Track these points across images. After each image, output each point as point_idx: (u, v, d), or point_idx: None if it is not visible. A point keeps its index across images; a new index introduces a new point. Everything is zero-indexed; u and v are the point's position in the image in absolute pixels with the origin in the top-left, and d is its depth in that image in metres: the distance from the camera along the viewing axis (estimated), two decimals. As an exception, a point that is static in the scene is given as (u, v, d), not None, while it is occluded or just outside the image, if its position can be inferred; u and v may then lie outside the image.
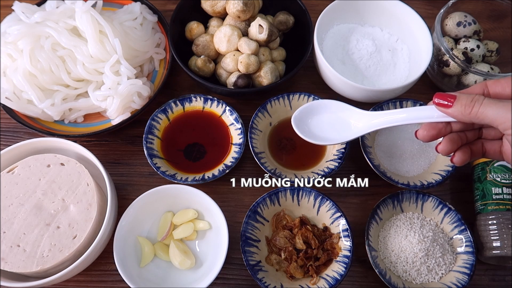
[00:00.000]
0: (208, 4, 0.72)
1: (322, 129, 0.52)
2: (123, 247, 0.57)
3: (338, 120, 0.52)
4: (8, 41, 0.65)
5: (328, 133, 0.52)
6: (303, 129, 0.52)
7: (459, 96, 0.42)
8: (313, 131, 0.52)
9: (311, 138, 0.52)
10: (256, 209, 0.61)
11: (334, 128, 0.52)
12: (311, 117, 0.53)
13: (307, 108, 0.53)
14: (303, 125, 0.53)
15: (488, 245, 0.59)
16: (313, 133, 0.52)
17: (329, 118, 0.53)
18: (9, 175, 0.59)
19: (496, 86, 0.42)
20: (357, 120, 0.51)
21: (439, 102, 0.42)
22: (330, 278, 0.57)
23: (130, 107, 0.68)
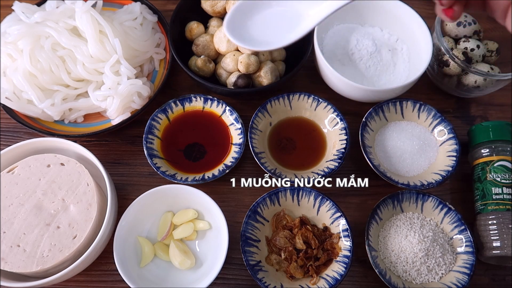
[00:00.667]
0: (208, 4, 0.72)
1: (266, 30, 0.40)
2: (123, 247, 0.57)
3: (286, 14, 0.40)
4: (8, 41, 0.65)
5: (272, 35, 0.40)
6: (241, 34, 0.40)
7: None
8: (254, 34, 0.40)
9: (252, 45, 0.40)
10: (256, 209, 0.61)
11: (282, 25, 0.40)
12: (251, 17, 0.40)
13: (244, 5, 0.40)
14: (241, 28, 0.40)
15: (488, 245, 0.59)
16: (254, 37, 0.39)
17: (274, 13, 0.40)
18: (9, 175, 0.59)
19: None
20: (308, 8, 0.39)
21: None
22: (330, 278, 0.57)
23: (130, 107, 0.68)
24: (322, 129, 0.70)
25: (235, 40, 0.39)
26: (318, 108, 0.69)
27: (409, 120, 0.70)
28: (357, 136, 0.66)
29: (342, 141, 0.66)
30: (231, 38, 0.39)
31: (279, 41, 0.39)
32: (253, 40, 0.40)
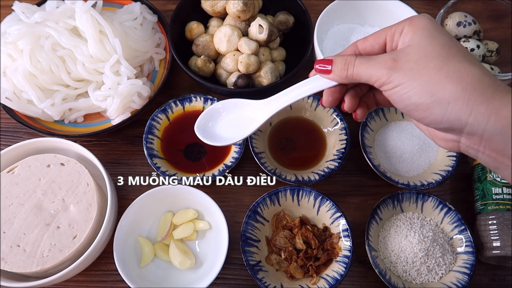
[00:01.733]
0: (208, 4, 0.72)
1: (229, 129, 0.51)
2: (123, 247, 0.57)
3: (241, 117, 0.50)
4: (8, 41, 0.65)
5: (234, 133, 0.50)
6: (210, 136, 0.51)
7: (335, 59, 0.42)
8: (219, 134, 0.51)
9: (218, 142, 0.50)
10: (256, 209, 0.61)
11: (240, 125, 0.50)
12: (215, 121, 0.51)
13: (207, 114, 0.51)
14: (209, 131, 0.51)
15: (488, 245, 0.59)
16: (219, 136, 0.51)
17: (232, 117, 0.51)
18: (9, 175, 0.59)
19: (365, 45, 0.42)
20: (254, 112, 0.49)
21: (320, 69, 0.43)
22: (330, 278, 0.57)
23: (130, 107, 0.68)
24: (322, 129, 0.70)
25: (204, 138, 0.50)
26: (318, 108, 0.69)
27: (409, 120, 0.70)
28: (357, 136, 0.66)
29: (342, 141, 0.66)
30: (201, 137, 0.50)
31: (239, 136, 0.50)
32: (219, 137, 0.51)
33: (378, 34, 0.41)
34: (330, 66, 0.42)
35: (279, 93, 0.48)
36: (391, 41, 0.40)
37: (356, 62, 0.40)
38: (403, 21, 0.39)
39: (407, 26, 0.38)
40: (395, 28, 0.39)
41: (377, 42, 0.41)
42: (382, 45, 0.41)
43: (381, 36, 0.40)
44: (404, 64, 0.37)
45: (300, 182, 0.62)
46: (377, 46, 0.41)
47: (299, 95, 0.46)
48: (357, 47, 0.43)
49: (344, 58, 0.41)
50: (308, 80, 0.46)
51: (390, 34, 0.40)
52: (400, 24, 0.39)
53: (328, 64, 0.42)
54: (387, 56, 0.38)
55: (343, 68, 0.41)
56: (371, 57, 0.40)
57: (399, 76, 0.37)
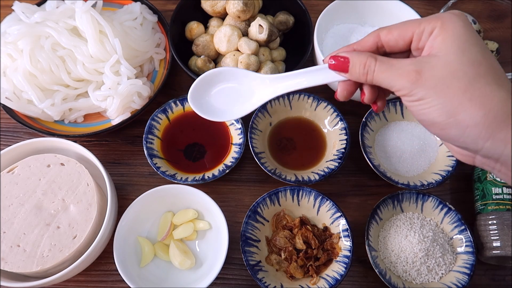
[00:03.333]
0: (208, 4, 0.72)
1: (227, 102, 0.46)
2: (123, 247, 0.57)
3: (242, 90, 0.46)
4: (8, 41, 0.65)
5: (231, 106, 0.45)
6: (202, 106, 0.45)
7: (352, 59, 0.39)
8: (217, 106, 0.46)
9: (215, 116, 0.46)
10: (256, 209, 0.61)
11: (240, 99, 0.46)
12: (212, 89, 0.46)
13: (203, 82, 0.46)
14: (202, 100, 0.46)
15: (488, 245, 0.59)
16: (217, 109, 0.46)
17: (232, 88, 0.46)
18: (9, 175, 0.59)
19: (389, 38, 0.39)
20: (258, 87, 0.45)
21: (334, 65, 0.40)
22: (330, 278, 0.57)
23: (130, 107, 0.68)
24: (322, 129, 0.70)
25: (197, 109, 0.45)
26: (318, 108, 0.69)
27: (409, 120, 0.70)
28: (357, 136, 0.66)
29: (342, 141, 0.66)
30: (194, 108, 0.45)
31: (240, 111, 0.45)
32: (213, 108, 0.46)
33: (404, 28, 0.38)
34: (347, 66, 0.39)
35: (288, 73, 0.43)
36: (418, 39, 0.37)
37: (376, 69, 0.37)
38: (435, 19, 0.36)
39: (438, 28, 0.35)
40: (424, 26, 0.36)
41: (402, 37, 0.38)
42: (408, 42, 0.38)
43: (408, 31, 0.37)
44: (428, 80, 0.35)
45: (300, 182, 0.62)
46: (402, 42, 0.38)
47: (312, 82, 0.42)
48: (379, 38, 0.39)
49: (363, 60, 0.38)
50: (321, 67, 0.41)
51: (418, 32, 0.37)
52: (430, 22, 0.36)
53: (345, 64, 0.39)
54: (410, 66, 0.36)
55: (362, 72, 0.38)
56: (393, 64, 0.37)
57: (422, 91, 0.35)
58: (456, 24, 0.35)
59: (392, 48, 0.39)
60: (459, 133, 0.35)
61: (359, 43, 0.40)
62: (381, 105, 0.44)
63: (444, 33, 0.35)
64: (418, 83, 0.35)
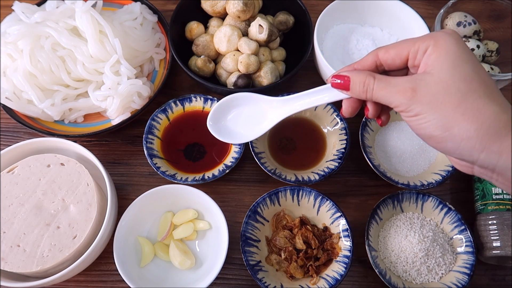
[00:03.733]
0: (208, 4, 0.72)
1: (241, 125, 0.50)
2: (123, 247, 0.57)
3: (254, 113, 0.50)
4: (8, 41, 0.65)
5: (246, 129, 0.50)
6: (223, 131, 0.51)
7: (352, 78, 0.41)
8: (232, 129, 0.51)
9: (232, 138, 0.50)
10: (256, 209, 0.61)
11: (253, 121, 0.50)
12: (228, 114, 0.51)
13: (219, 108, 0.50)
14: (221, 126, 0.51)
15: (488, 245, 0.59)
16: (232, 131, 0.50)
17: (245, 112, 0.50)
18: (9, 175, 0.59)
19: (386, 57, 0.41)
20: (269, 109, 0.49)
21: (336, 84, 0.42)
22: (330, 278, 0.57)
23: (130, 107, 0.68)
24: (322, 129, 0.70)
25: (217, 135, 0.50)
26: (318, 108, 0.69)
27: (409, 120, 0.70)
28: (357, 136, 0.66)
29: (342, 141, 0.66)
30: (212, 132, 0.50)
31: (253, 133, 0.50)
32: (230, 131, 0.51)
33: (400, 47, 0.40)
34: (348, 85, 0.42)
35: (297, 95, 0.47)
36: (414, 58, 0.39)
37: (375, 87, 0.40)
38: (429, 37, 0.38)
39: (431, 46, 0.37)
40: (419, 45, 0.38)
41: (399, 56, 0.40)
42: (404, 60, 0.40)
43: (404, 50, 0.40)
44: (423, 97, 0.37)
45: (300, 182, 0.62)
46: (399, 60, 0.40)
47: (318, 101, 0.46)
48: (377, 57, 0.42)
49: (362, 79, 0.41)
50: (327, 87, 0.45)
51: (414, 50, 0.39)
52: (424, 41, 0.38)
53: (346, 82, 0.42)
54: (406, 84, 0.38)
55: (362, 90, 0.41)
56: (390, 82, 0.39)
57: (418, 107, 0.37)
58: (449, 42, 0.37)
59: (390, 66, 0.42)
60: (454, 146, 0.37)
61: (359, 63, 0.43)
62: (385, 119, 0.46)
63: (437, 51, 0.37)
64: (414, 100, 0.37)
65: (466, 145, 0.36)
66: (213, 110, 0.50)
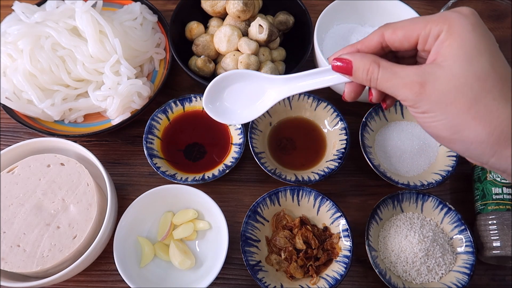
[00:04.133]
0: (208, 4, 0.72)
1: (237, 104, 0.47)
2: (123, 247, 0.57)
3: (254, 90, 0.47)
4: (8, 41, 0.65)
5: (244, 108, 0.47)
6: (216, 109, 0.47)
7: (355, 62, 0.38)
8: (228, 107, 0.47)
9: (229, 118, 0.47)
10: (256, 209, 0.61)
11: (252, 100, 0.47)
12: (224, 92, 0.47)
13: (217, 82, 0.47)
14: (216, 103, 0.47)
15: (488, 245, 0.59)
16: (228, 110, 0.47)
17: (244, 90, 0.47)
18: (9, 175, 0.59)
19: (393, 39, 0.37)
20: (270, 87, 0.46)
21: (338, 67, 0.39)
22: (330, 278, 0.57)
23: (130, 107, 0.68)
24: (322, 129, 0.70)
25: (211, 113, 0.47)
26: (318, 108, 0.69)
27: (409, 120, 0.70)
28: (357, 136, 0.66)
29: (342, 141, 0.66)
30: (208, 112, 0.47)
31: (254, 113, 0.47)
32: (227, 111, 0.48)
33: (410, 29, 0.36)
34: (350, 69, 0.38)
35: (300, 74, 0.44)
36: (424, 42, 0.35)
37: (379, 77, 0.36)
38: (442, 19, 0.34)
39: (445, 32, 0.34)
40: (430, 28, 0.34)
41: (407, 39, 0.36)
42: (413, 44, 0.36)
43: (413, 32, 0.36)
44: (431, 95, 0.34)
45: (300, 182, 0.62)
46: (407, 43, 0.37)
47: (322, 83, 0.42)
48: (383, 38, 0.37)
49: (366, 66, 0.37)
50: (329, 68, 0.41)
51: (424, 34, 0.35)
52: (437, 24, 0.34)
53: (347, 64, 0.38)
54: (414, 77, 0.35)
55: (365, 78, 0.37)
56: (396, 72, 0.36)
57: (426, 104, 0.34)
58: (465, 28, 0.33)
59: (398, 48, 0.38)
60: (464, 148, 0.35)
61: (362, 43, 0.39)
62: (390, 102, 0.43)
63: (451, 39, 0.33)
64: (422, 96, 0.34)
65: (476, 149, 0.34)
66: (208, 88, 0.47)
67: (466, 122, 0.33)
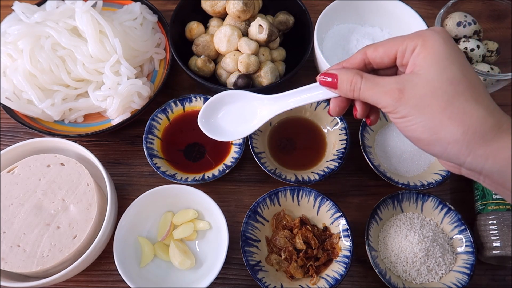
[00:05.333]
0: (208, 4, 0.72)
1: (232, 123, 0.50)
2: (123, 247, 0.57)
3: (245, 111, 0.49)
4: (8, 41, 0.65)
5: (238, 126, 0.49)
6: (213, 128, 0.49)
7: (340, 76, 0.41)
8: (223, 126, 0.50)
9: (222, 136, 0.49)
10: (256, 209, 0.61)
11: (244, 119, 0.49)
12: (219, 113, 0.50)
13: (211, 105, 0.49)
14: (212, 123, 0.50)
15: (488, 245, 0.59)
16: (223, 129, 0.50)
17: (236, 110, 0.50)
18: (9, 175, 0.59)
19: (375, 55, 0.40)
20: (260, 107, 0.49)
21: (324, 82, 0.42)
22: (330, 278, 0.57)
23: (130, 107, 0.68)
24: (322, 129, 0.70)
25: (208, 132, 0.49)
26: (318, 108, 0.69)
27: (409, 120, 0.70)
28: (357, 136, 0.66)
29: (342, 141, 0.66)
30: (204, 130, 0.49)
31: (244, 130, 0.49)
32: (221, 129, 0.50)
33: (389, 46, 0.40)
34: (335, 83, 0.41)
35: (288, 92, 0.47)
36: (402, 56, 0.39)
37: (362, 86, 0.39)
38: (417, 36, 0.38)
39: (419, 46, 0.37)
40: (407, 44, 0.38)
41: (387, 55, 0.40)
42: (392, 59, 0.40)
43: (392, 48, 0.39)
44: (410, 100, 0.36)
45: (300, 182, 0.62)
46: (387, 59, 0.40)
47: (309, 99, 0.45)
48: (366, 55, 0.41)
49: (350, 77, 0.40)
50: (316, 85, 0.44)
51: (402, 49, 0.38)
52: (412, 40, 0.37)
53: (333, 78, 0.41)
54: (394, 85, 0.38)
55: (349, 89, 0.40)
56: (378, 82, 0.39)
57: (405, 109, 0.37)
58: (437, 41, 0.36)
59: (379, 65, 0.41)
60: (441, 149, 0.37)
61: (348, 61, 0.43)
62: (374, 118, 0.46)
63: (425, 51, 0.37)
64: (401, 101, 0.37)
65: (453, 148, 0.36)
66: (204, 108, 0.49)
67: (442, 123, 0.35)
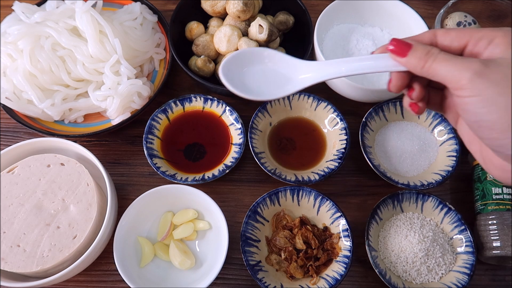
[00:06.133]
0: (208, 4, 0.72)
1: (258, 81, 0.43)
2: (123, 247, 0.57)
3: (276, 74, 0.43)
4: (8, 41, 0.65)
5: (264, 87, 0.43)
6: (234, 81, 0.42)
7: (415, 46, 0.37)
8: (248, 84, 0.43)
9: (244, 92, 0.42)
10: (256, 209, 0.61)
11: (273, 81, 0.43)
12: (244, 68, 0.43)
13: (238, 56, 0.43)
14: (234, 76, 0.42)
15: (488, 245, 0.59)
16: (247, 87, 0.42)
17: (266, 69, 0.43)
18: (9, 175, 0.59)
19: (445, 38, 0.37)
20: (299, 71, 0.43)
21: (393, 49, 0.38)
22: (330, 278, 0.57)
23: (130, 107, 0.68)
24: (322, 129, 0.70)
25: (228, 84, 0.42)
26: (318, 108, 0.69)
27: (409, 120, 0.70)
28: (357, 136, 0.66)
29: (342, 141, 0.66)
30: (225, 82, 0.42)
31: (268, 94, 0.43)
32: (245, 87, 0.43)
33: (462, 32, 0.36)
34: (407, 50, 0.37)
35: (341, 59, 0.41)
36: (474, 45, 0.35)
37: (439, 56, 0.35)
38: (497, 30, 0.34)
39: (501, 36, 0.34)
40: (484, 34, 0.35)
41: (458, 40, 0.36)
42: (463, 44, 0.36)
43: (464, 36, 0.36)
44: (495, 74, 0.32)
45: (300, 182, 0.62)
46: (456, 44, 0.37)
47: (366, 68, 0.40)
48: (435, 37, 0.38)
49: (427, 48, 0.36)
50: (375, 56, 0.40)
51: (476, 38, 0.35)
52: (491, 32, 0.34)
53: (407, 47, 0.37)
54: (475, 61, 0.33)
55: (422, 57, 0.36)
56: (456, 56, 0.35)
57: (483, 85, 0.32)
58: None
59: (446, 47, 0.37)
60: None
61: (414, 37, 0.39)
62: (423, 106, 0.42)
63: (507, 41, 0.33)
64: (482, 75, 0.32)
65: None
66: (228, 58, 0.42)
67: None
